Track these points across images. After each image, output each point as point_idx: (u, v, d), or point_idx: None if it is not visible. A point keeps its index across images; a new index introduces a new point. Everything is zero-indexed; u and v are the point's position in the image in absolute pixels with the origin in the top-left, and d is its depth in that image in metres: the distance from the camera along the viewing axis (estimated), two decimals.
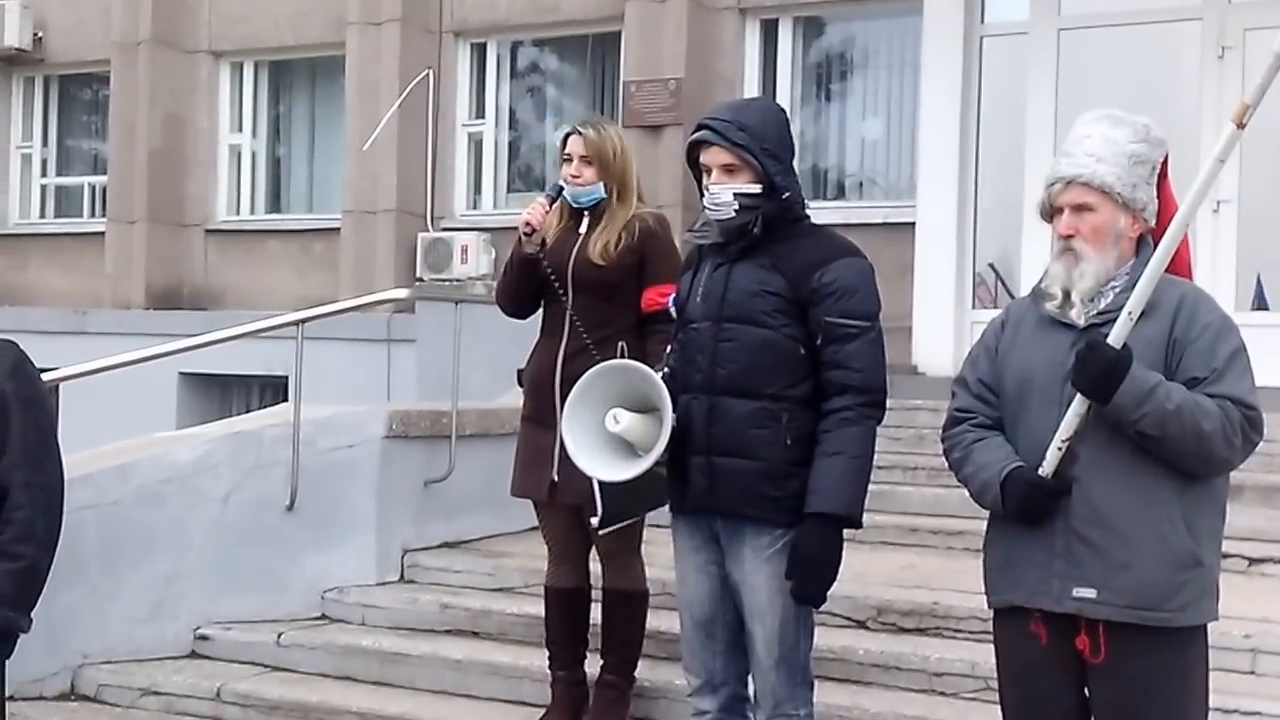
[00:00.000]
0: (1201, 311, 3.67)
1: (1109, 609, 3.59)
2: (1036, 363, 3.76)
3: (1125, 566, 3.57)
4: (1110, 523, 3.59)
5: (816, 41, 12.03)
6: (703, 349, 4.45)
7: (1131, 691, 3.63)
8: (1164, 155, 3.84)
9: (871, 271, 4.49)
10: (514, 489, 5.63)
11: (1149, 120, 3.85)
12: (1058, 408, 3.64)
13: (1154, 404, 3.49)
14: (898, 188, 11.60)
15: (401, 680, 6.26)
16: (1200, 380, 3.57)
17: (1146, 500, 3.59)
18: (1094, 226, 3.72)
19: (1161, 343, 3.63)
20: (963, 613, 5.80)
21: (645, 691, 5.67)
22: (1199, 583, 3.62)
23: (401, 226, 12.57)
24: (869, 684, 5.64)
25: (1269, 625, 5.61)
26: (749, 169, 4.38)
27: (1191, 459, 3.57)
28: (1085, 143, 3.77)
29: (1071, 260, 3.73)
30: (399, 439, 7.21)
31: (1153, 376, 3.53)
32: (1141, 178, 3.76)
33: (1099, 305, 3.71)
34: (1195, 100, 9.74)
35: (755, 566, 4.38)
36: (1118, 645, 3.61)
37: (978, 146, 10.69)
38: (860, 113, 11.98)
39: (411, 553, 7.23)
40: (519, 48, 13.18)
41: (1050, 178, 3.82)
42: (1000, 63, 10.77)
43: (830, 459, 4.29)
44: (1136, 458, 3.58)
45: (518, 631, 6.35)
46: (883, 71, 11.81)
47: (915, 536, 7.22)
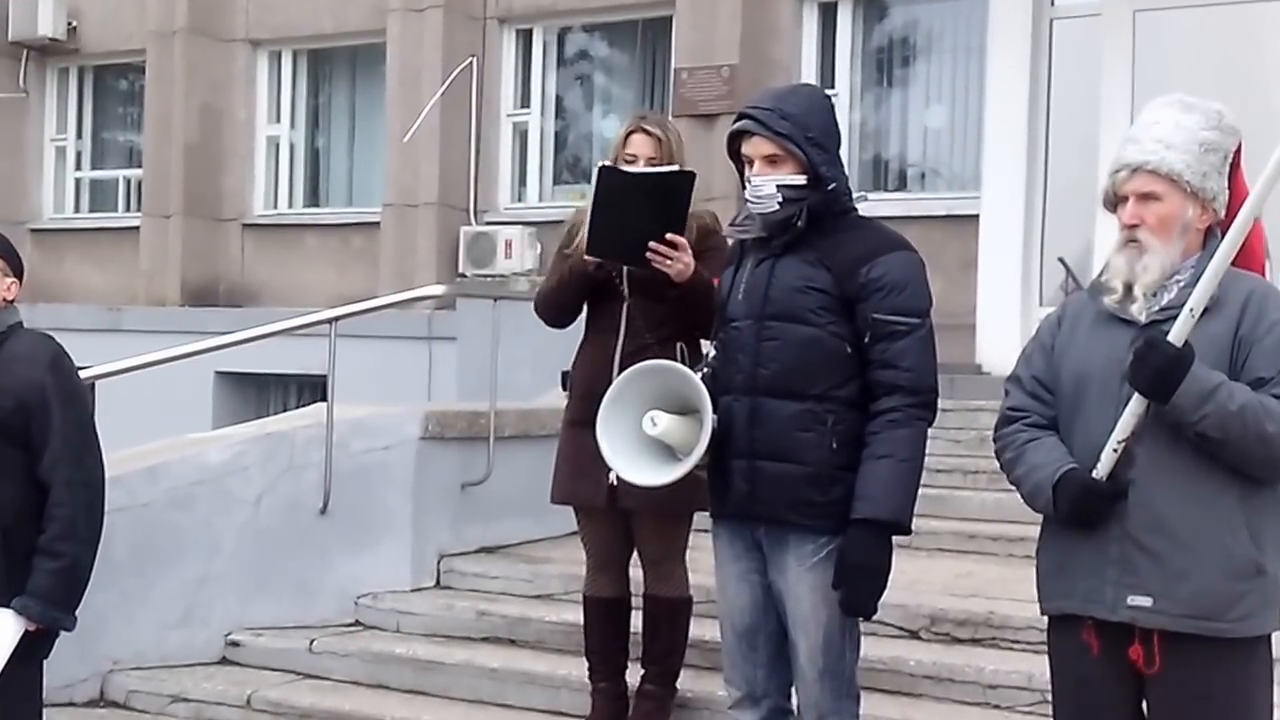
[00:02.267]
0: (1270, 308, 3.55)
1: (1165, 618, 3.49)
2: (1094, 360, 3.65)
3: (1183, 575, 3.47)
4: (1168, 529, 3.49)
5: (878, 25, 11.81)
6: (744, 348, 4.31)
7: (1190, 704, 3.53)
8: (1237, 144, 3.74)
9: (922, 266, 4.33)
10: (561, 496, 5.49)
11: (1223, 107, 3.72)
12: (1115, 408, 3.52)
13: (1215, 404, 3.38)
14: (962, 178, 11.38)
15: (436, 689, 6.18)
16: (1267, 380, 3.46)
17: (1207, 506, 3.48)
18: (1160, 216, 3.61)
19: (1227, 340, 3.52)
20: (1020, 623, 5.69)
21: (688, 702, 5.57)
22: (1262, 592, 3.51)
23: (443, 220, 12.45)
24: (920, 696, 5.55)
25: None
26: (793, 159, 4.23)
27: (1256, 463, 3.46)
28: (1154, 129, 3.65)
29: (1135, 252, 3.63)
30: (435, 440, 7.10)
31: (1215, 376, 3.42)
32: (1213, 166, 3.64)
33: (1161, 300, 3.59)
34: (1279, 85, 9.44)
35: (799, 575, 4.25)
36: (1174, 656, 3.51)
37: (1048, 135, 10.46)
38: (923, 100, 11.74)
39: (447, 558, 7.14)
40: (566, 34, 13.04)
41: (1115, 164, 3.70)
42: (1072, 47, 10.52)
43: (878, 462, 4.14)
44: (1197, 461, 3.47)
45: (556, 640, 6.26)
46: (947, 56, 11.58)
47: (974, 543, 7.10)
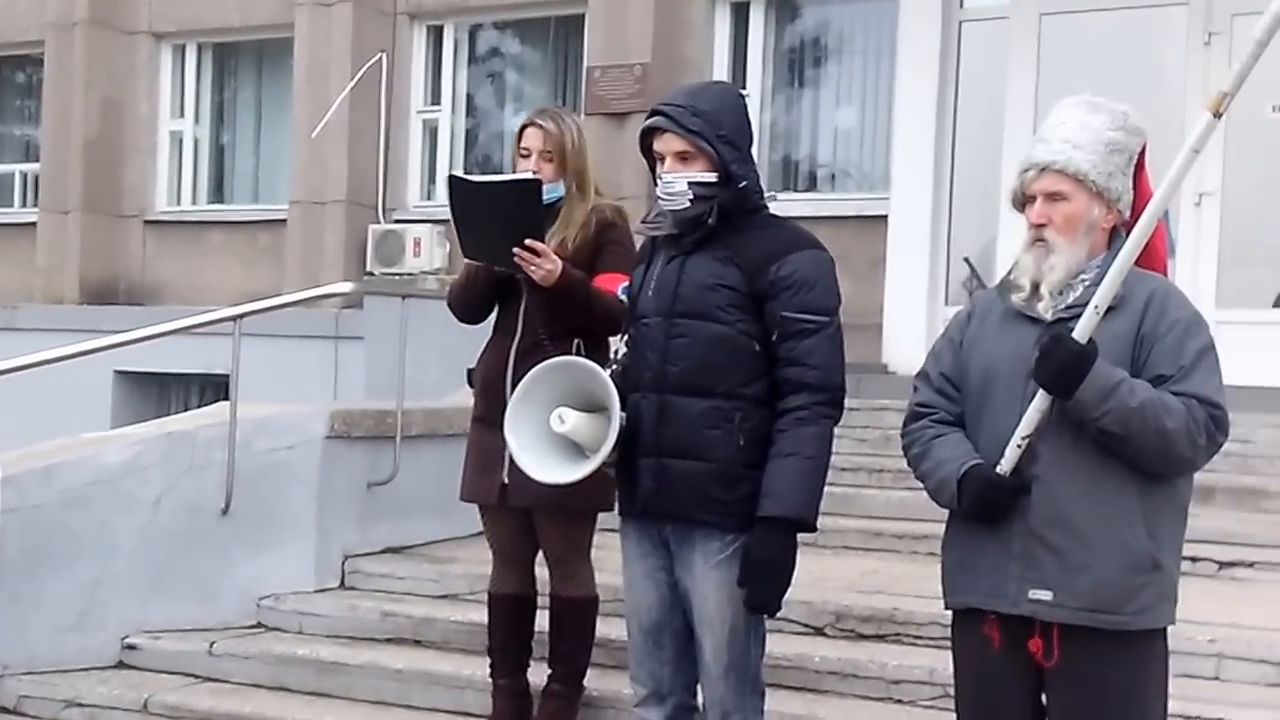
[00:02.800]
0: (1171, 307, 3.62)
1: (1064, 611, 3.55)
2: (1001, 357, 3.69)
3: (1083, 569, 3.53)
4: (1070, 524, 3.55)
5: (789, 26, 11.84)
6: (653, 345, 4.31)
7: (1087, 695, 3.59)
8: (1142, 144, 3.81)
9: (832, 264, 4.34)
10: (463, 493, 5.46)
11: (1128, 108, 3.78)
12: (1021, 404, 3.57)
13: (1117, 401, 3.45)
14: (871, 179, 11.41)
15: (339, 690, 6.12)
16: (1167, 378, 3.53)
17: (1108, 502, 3.54)
18: (1067, 216, 3.66)
19: (1129, 338, 3.58)
20: (923, 619, 5.73)
21: (594, 701, 5.56)
22: (1157, 586, 3.58)
23: (351, 218, 12.33)
24: (825, 692, 5.57)
25: (1235, 630, 5.58)
26: (704, 157, 4.23)
27: (1154, 458, 3.52)
28: (1061, 129, 3.71)
29: (1042, 251, 3.68)
30: (341, 440, 7.02)
31: (1117, 373, 3.48)
32: (1118, 166, 3.70)
33: (1067, 299, 3.65)
34: (1180, 88, 9.58)
35: (705, 573, 4.26)
36: (1072, 648, 3.57)
37: (954, 136, 10.55)
38: (834, 101, 11.78)
39: (353, 558, 7.06)
40: (478, 31, 12.98)
41: (1024, 164, 3.75)
42: (980, 49, 10.61)
43: (785, 460, 4.15)
44: (1099, 458, 3.54)
45: (462, 640, 6.22)
46: (857, 58, 11.62)
47: (879, 541, 7.15)
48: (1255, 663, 5.36)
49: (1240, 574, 6.50)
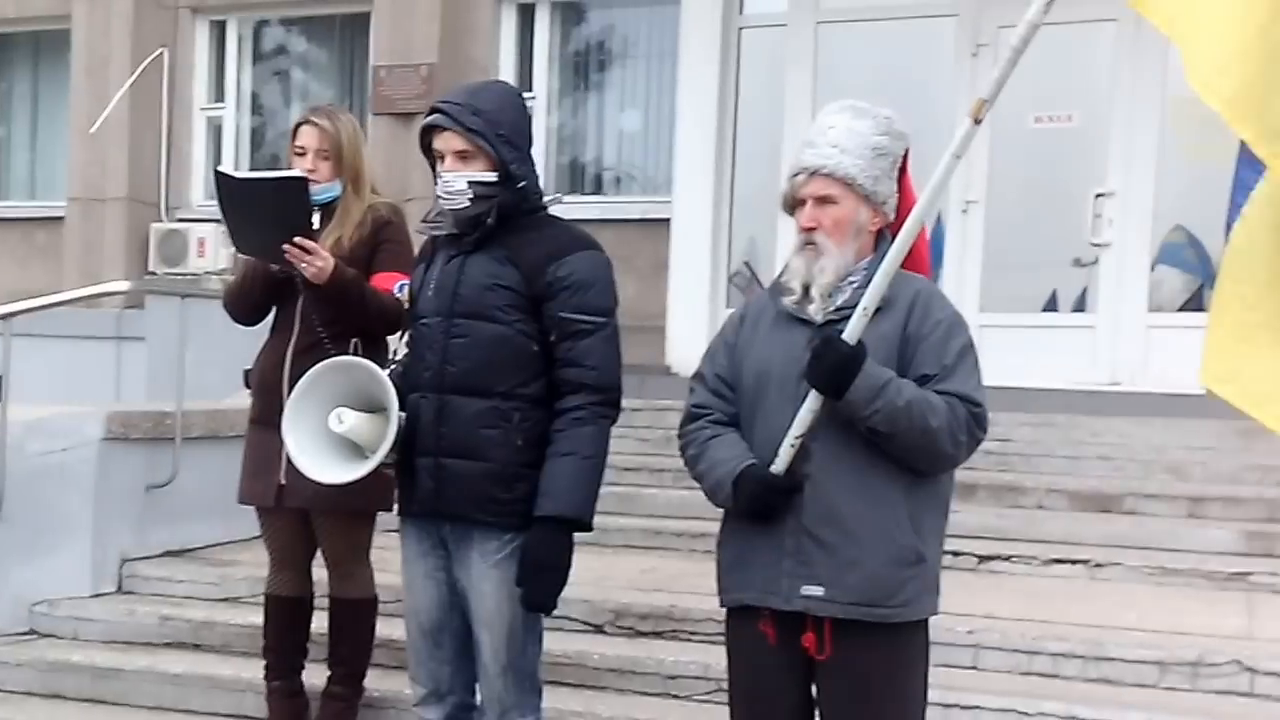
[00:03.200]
0: (934, 308, 3.70)
1: (835, 606, 3.61)
2: (774, 358, 3.74)
3: (853, 564, 3.59)
4: (840, 521, 3.60)
5: (575, 29, 11.93)
6: (433, 345, 4.30)
7: (853, 686, 3.66)
8: (905, 149, 3.86)
9: (609, 265, 4.37)
10: (240, 495, 5.40)
11: (892, 113, 3.85)
12: (794, 404, 3.62)
13: (885, 400, 3.52)
14: (655, 182, 11.54)
15: (115, 696, 6.03)
16: (931, 377, 3.61)
17: (875, 498, 3.61)
18: (836, 219, 3.72)
19: (896, 338, 3.65)
20: (700, 615, 5.81)
21: (375, 702, 5.55)
22: (921, 579, 3.66)
23: (133, 216, 12.10)
24: (604, 688, 5.64)
25: (992, 621, 5.78)
26: (484, 156, 4.23)
27: (918, 455, 3.60)
28: (829, 133, 3.76)
29: (812, 254, 3.73)
30: (119, 441, 6.89)
31: (885, 373, 3.55)
32: (884, 170, 3.77)
33: (837, 301, 3.71)
34: (949, 97, 9.85)
35: (483, 572, 4.26)
36: (843, 642, 3.63)
37: (735, 141, 10.68)
38: (619, 104, 11.90)
39: (130, 562, 6.93)
40: (262, 27, 12.83)
41: (793, 168, 3.80)
42: (759, 55, 10.77)
43: (562, 460, 4.18)
44: (868, 456, 3.60)
45: (242, 643, 6.15)
46: (642, 62, 11.76)
47: (659, 539, 7.24)
48: (1009, 652, 5.56)
49: (998, 567, 6.74)
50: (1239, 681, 5.30)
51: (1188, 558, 6.70)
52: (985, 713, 5.13)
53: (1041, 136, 9.83)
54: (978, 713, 5.13)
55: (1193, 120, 9.22)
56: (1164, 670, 5.38)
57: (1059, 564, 6.69)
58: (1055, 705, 5.10)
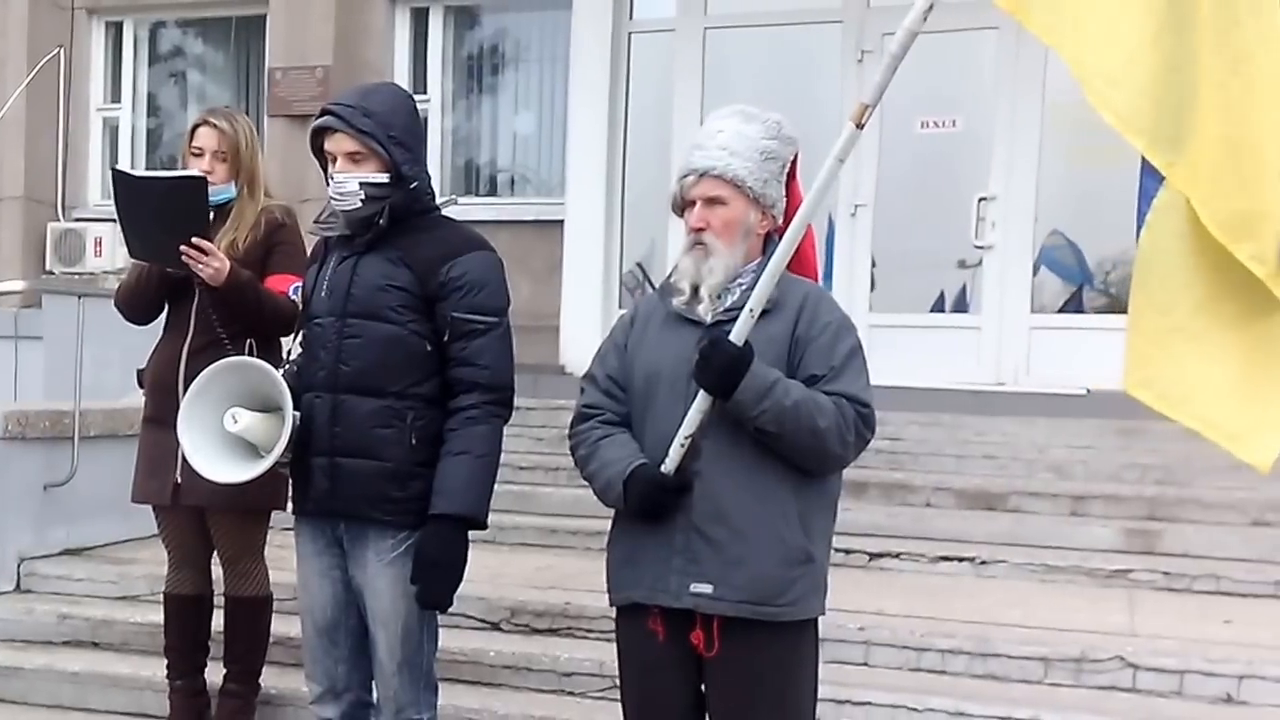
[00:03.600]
0: (823, 311, 3.75)
1: (724, 604, 3.64)
2: (664, 358, 3.78)
3: (741, 562, 3.63)
4: (728, 519, 3.64)
5: (468, 33, 12.00)
6: (326, 345, 4.32)
7: (742, 684, 3.69)
8: (794, 153, 3.91)
9: (500, 266, 4.42)
10: (135, 494, 5.40)
11: (781, 117, 3.90)
12: (684, 403, 3.66)
13: (773, 400, 3.56)
14: (549, 184, 11.64)
15: (14, 695, 6.00)
16: (819, 378, 3.65)
17: (764, 497, 3.64)
18: (725, 220, 3.76)
19: (784, 340, 3.69)
20: (594, 613, 5.84)
21: (272, 699, 5.57)
22: (810, 578, 3.70)
23: (30, 215, 12.01)
24: (500, 685, 5.68)
25: (882, 618, 5.85)
26: (376, 158, 4.26)
27: (807, 455, 3.64)
28: (718, 136, 3.80)
29: (701, 255, 3.77)
30: (15, 440, 6.83)
31: (772, 373, 3.59)
32: (772, 174, 3.81)
33: (725, 302, 3.75)
34: (836, 101, 9.96)
35: (378, 570, 4.30)
36: (731, 640, 3.66)
37: (626, 144, 10.76)
38: (512, 107, 11.99)
39: (29, 560, 6.89)
40: (159, 29, 12.77)
41: (683, 170, 3.84)
42: (649, 60, 10.86)
43: (455, 459, 4.22)
44: (757, 456, 3.64)
45: (141, 641, 6.14)
46: (534, 66, 11.85)
47: (555, 538, 7.28)
48: (899, 649, 5.65)
49: (888, 564, 6.84)
50: (1122, 677, 5.41)
51: (1070, 555, 6.82)
52: (876, 709, 5.20)
53: (927, 141, 10.00)
54: (869, 709, 5.21)
55: (1070, 126, 9.52)
56: (1049, 666, 5.48)
57: (946, 561, 6.81)
58: (943, 701, 5.19)
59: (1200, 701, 5.33)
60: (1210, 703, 5.32)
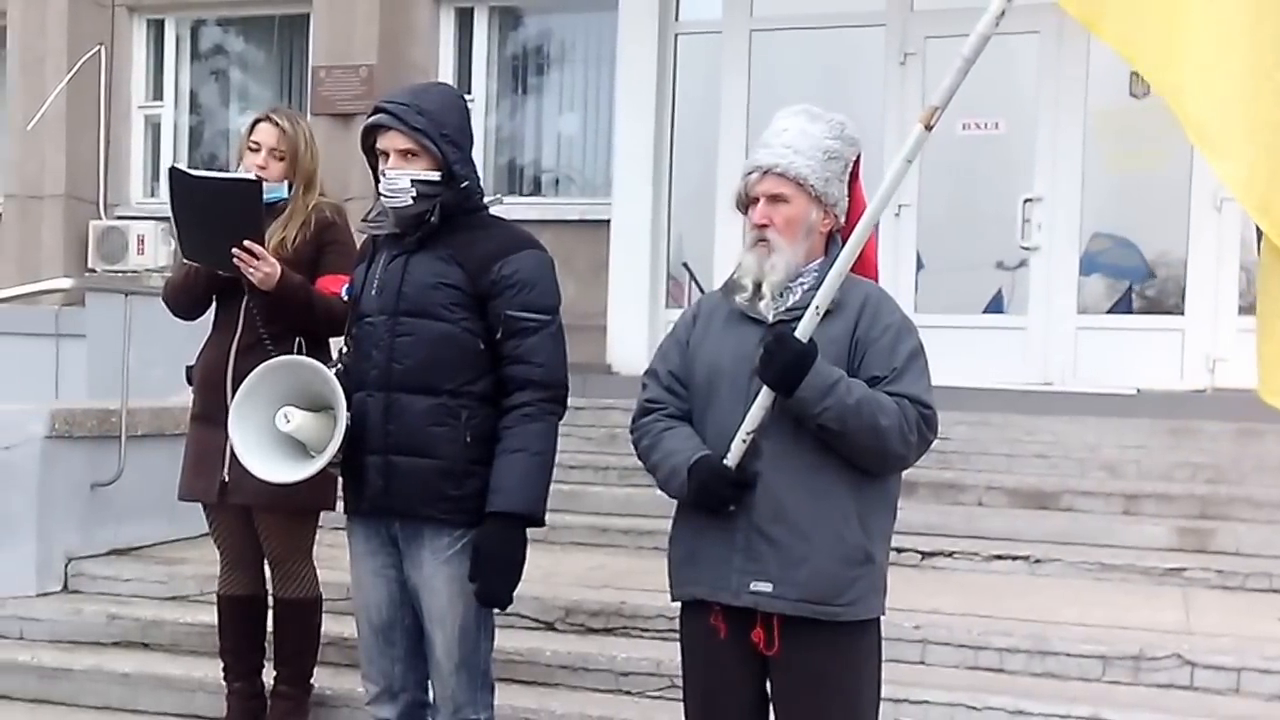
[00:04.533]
0: (884, 312, 3.75)
1: (783, 603, 3.63)
2: (726, 355, 3.78)
3: (801, 561, 3.62)
4: (789, 519, 3.63)
5: (513, 33, 11.98)
6: (378, 344, 4.31)
7: (805, 683, 3.68)
8: (857, 154, 3.92)
9: (551, 264, 4.41)
10: (181, 492, 5.38)
11: (845, 118, 3.90)
12: (745, 401, 3.65)
13: (835, 398, 3.54)
14: (594, 184, 11.62)
15: (63, 697, 5.98)
16: (880, 379, 3.64)
17: (824, 497, 3.64)
18: (787, 218, 3.76)
19: (845, 340, 3.69)
20: (650, 612, 5.85)
21: (327, 700, 5.55)
22: (869, 579, 3.69)
23: (71, 213, 12.01)
24: (556, 685, 5.66)
25: (938, 617, 5.85)
26: (428, 155, 4.25)
27: (869, 454, 3.63)
28: (783, 135, 3.81)
29: (764, 251, 3.76)
30: (63, 439, 6.82)
31: (835, 371, 3.59)
32: (834, 173, 3.81)
33: (788, 301, 3.74)
34: (879, 104, 10.01)
35: (434, 569, 4.28)
36: (792, 639, 3.66)
37: (672, 144, 10.77)
38: (557, 107, 11.95)
39: (76, 560, 6.88)
40: (201, 27, 12.77)
41: (747, 167, 3.85)
42: (695, 61, 10.87)
43: (512, 456, 4.21)
44: (817, 455, 3.63)
45: (191, 642, 6.14)
46: (579, 66, 11.82)
47: (605, 536, 7.28)
48: (956, 647, 5.65)
49: (941, 563, 6.84)
50: (1179, 675, 5.41)
51: (1124, 554, 6.82)
52: (934, 707, 5.20)
53: (969, 143, 9.97)
54: (927, 708, 5.20)
55: (1112, 128, 9.60)
56: (1107, 664, 5.48)
57: (1000, 560, 6.81)
58: (1002, 699, 5.19)
59: (1257, 698, 5.33)
60: (1267, 700, 5.31)
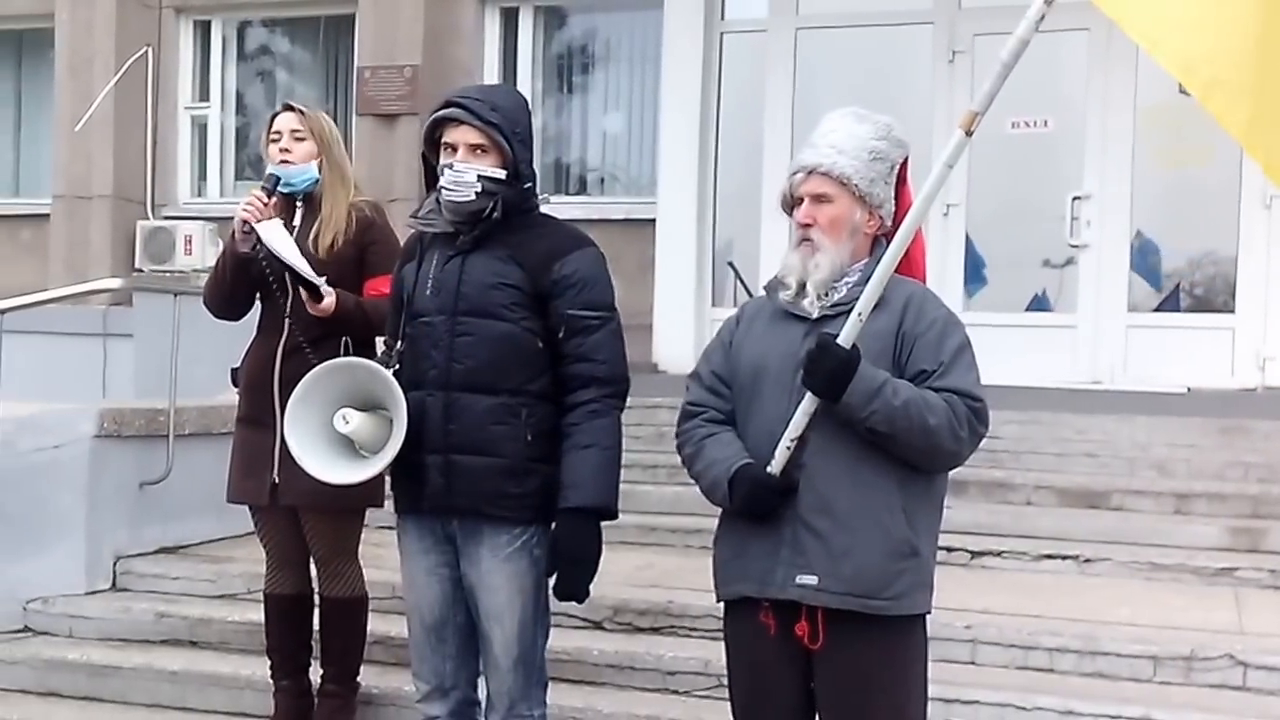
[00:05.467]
0: (929, 307, 3.75)
1: (828, 596, 3.63)
2: (770, 353, 3.79)
3: (845, 554, 3.61)
4: (834, 512, 3.63)
5: (558, 33, 11.97)
6: (438, 344, 4.31)
7: (851, 680, 3.68)
8: (904, 156, 3.93)
9: (605, 262, 4.43)
10: (230, 494, 5.40)
11: (892, 120, 3.92)
12: (789, 397, 3.67)
13: (882, 401, 3.55)
14: (639, 183, 11.59)
15: (112, 694, 6.01)
16: (928, 374, 3.64)
17: (869, 490, 3.64)
18: (831, 218, 3.77)
19: (890, 335, 3.69)
20: (697, 611, 5.84)
21: (374, 699, 5.56)
22: (915, 573, 3.68)
23: (119, 214, 12.04)
24: (603, 684, 5.66)
25: (988, 616, 5.83)
26: (497, 152, 4.27)
27: (920, 453, 3.63)
28: (830, 135, 3.83)
29: (808, 251, 3.78)
30: (111, 438, 6.87)
31: (880, 374, 3.58)
32: (880, 174, 3.82)
33: (832, 299, 3.75)
34: (927, 102, 9.96)
35: (493, 566, 4.29)
36: (836, 633, 3.65)
37: (717, 143, 10.74)
38: (602, 106, 11.93)
39: (125, 559, 6.92)
40: (246, 28, 12.80)
41: (792, 167, 3.87)
42: (740, 60, 10.83)
43: (583, 452, 4.23)
44: (862, 448, 3.63)
45: (240, 640, 6.16)
46: (624, 65, 11.80)
47: (654, 535, 7.26)
48: (1006, 647, 5.62)
49: (990, 562, 6.80)
50: (1232, 675, 5.37)
51: (1175, 553, 6.76)
52: (983, 707, 5.17)
53: (1018, 141, 9.90)
54: (976, 707, 5.17)
55: (1161, 126, 9.50)
56: (1158, 664, 5.44)
57: (1050, 559, 6.77)
58: (1052, 700, 5.16)
59: None
60: None
